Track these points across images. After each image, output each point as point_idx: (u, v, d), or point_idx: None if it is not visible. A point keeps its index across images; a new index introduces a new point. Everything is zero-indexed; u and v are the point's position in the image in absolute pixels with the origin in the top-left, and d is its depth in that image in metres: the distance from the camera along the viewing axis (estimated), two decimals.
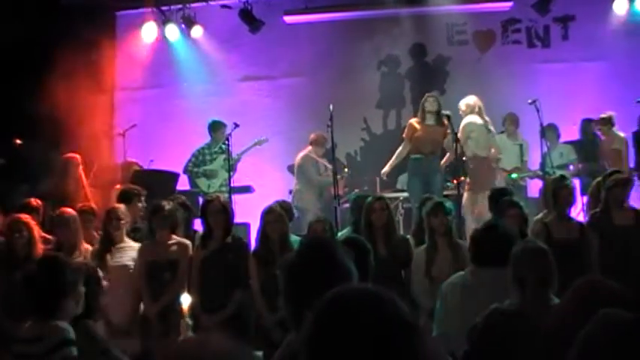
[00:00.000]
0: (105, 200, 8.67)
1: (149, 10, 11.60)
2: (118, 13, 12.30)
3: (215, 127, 10.66)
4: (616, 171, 7.26)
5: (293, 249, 5.90)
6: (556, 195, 6.53)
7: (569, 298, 3.09)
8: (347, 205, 9.17)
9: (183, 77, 12.09)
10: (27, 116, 9.95)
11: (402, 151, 9.47)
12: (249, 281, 6.40)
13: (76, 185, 8.94)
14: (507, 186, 8.88)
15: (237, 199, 9.31)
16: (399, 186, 10.49)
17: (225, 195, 9.15)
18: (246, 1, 11.28)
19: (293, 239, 6.45)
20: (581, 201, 8.62)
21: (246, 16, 11.28)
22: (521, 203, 6.53)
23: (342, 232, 7.25)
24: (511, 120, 10.28)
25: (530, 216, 6.73)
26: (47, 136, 9.95)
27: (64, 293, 3.89)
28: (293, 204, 9.87)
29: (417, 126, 9.32)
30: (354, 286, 2.04)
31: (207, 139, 10.79)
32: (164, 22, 11.60)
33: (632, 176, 7.87)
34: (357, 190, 10.43)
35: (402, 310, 1.78)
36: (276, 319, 5.99)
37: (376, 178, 10.19)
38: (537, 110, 8.84)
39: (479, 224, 7.82)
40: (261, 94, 12.06)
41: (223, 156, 10.10)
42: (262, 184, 10.79)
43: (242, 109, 11.23)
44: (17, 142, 10.24)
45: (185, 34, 11.76)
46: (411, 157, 9.35)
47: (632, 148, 9.96)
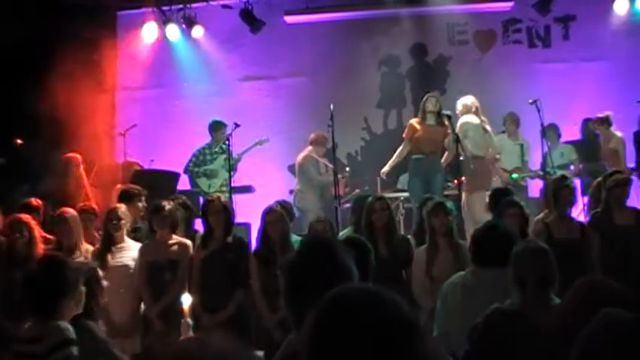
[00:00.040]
0: (105, 200, 8.67)
1: (150, 10, 11.60)
2: (119, 12, 12.30)
3: (216, 127, 10.66)
4: (616, 171, 7.25)
5: (294, 249, 5.89)
6: (557, 195, 6.52)
7: (570, 298, 3.09)
8: (348, 205, 9.17)
9: (184, 77, 12.08)
10: (27, 116, 9.95)
11: (403, 150, 9.47)
12: (250, 281, 6.39)
13: (77, 185, 8.95)
14: (508, 186, 8.88)
15: (237, 199, 9.31)
16: (399, 186, 10.48)
17: (226, 195, 9.15)
18: (247, 1, 11.28)
19: (294, 239, 6.44)
20: (582, 201, 8.61)
21: (247, 16, 11.28)
22: (521, 203, 6.52)
23: (343, 232, 7.24)
24: (511, 120, 10.27)
25: (531, 216, 6.72)
26: (48, 135, 9.95)
27: (65, 293, 3.89)
28: (294, 204, 9.87)
29: (418, 126, 9.32)
30: (354, 286, 2.04)
31: (207, 139, 10.79)
32: (165, 22, 11.60)
33: (631, 176, 7.84)
34: (357, 190, 10.43)
35: (403, 309, 1.78)
36: (277, 319, 6.00)
37: (377, 178, 10.18)
38: (538, 110, 8.83)
39: (474, 223, 7.87)
40: (262, 94, 12.06)
41: (224, 156, 10.10)
42: (263, 184, 10.79)
43: (242, 109, 11.23)
44: (18, 141, 10.25)
45: (186, 34, 11.75)
46: (411, 158, 9.35)
47: (633, 148, 9.96)
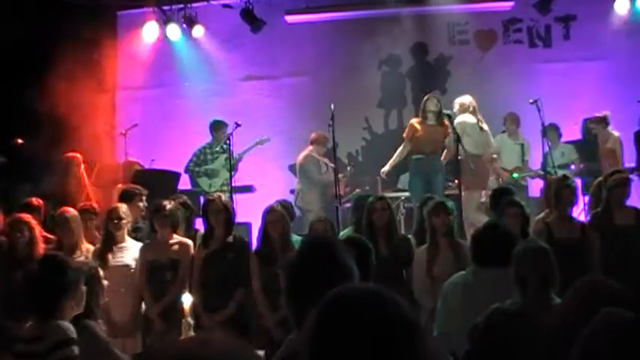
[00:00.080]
0: (106, 200, 8.67)
1: (150, 9, 11.60)
2: (120, 12, 12.30)
3: (216, 127, 10.66)
4: (617, 171, 7.24)
5: (294, 249, 5.92)
6: (558, 195, 6.51)
7: (571, 298, 3.09)
8: (348, 204, 9.17)
9: (185, 77, 12.08)
10: (28, 116, 9.95)
11: (403, 150, 9.46)
12: (251, 281, 6.39)
13: (78, 184, 8.95)
14: (509, 185, 8.87)
15: (238, 198, 9.29)
16: (400, 186, 10.47)
17: (227, 194, 9.14)
18: (248, 1, 11.27)
19: (294, 239, 6.44)
20: (583, 201, 8.61)
21: (248, 15, 11.27)
22: (522, 203, 6.52)
23: (344, 232, 7.24)
24: (512, 119, 10.26)
25: (532, 216, 6.72)
26: (48, 135, 9.94)
27: (65, 293, 3.89)
28: (295, 204, 9.89)
29: (418, 126, 9.31)
30: (355, 286, 2.04)
31: (208, 139, 10.79)
32: (165, 22, 11.59)
33: (632, 175, 7.84)
34: (358, 190, 10.42)
35: (404, 309, 1.78)
36: (278, 318, 6.00)
37: (377, 177, 10.18)
38: (538, 110, 8.82)
39: (469, 222, 7.87)
40: (263, 93, 12.06)
41: (225, 155, 10.10)
42: (263, 184, 10.79)
43: (243, 108, 11.23)
44: (19, 141, 10.25)
45: (186, 34, 11.75)
46: (412, 157, 9.33)
47: (634, 148, 9.96)
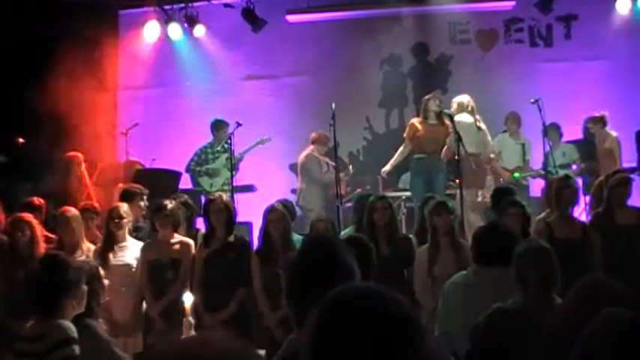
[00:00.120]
0: (107, 199, 8.67)
1: (151, 8, 11.59)
2: (121, 11, 12.30)
3: (217, 126, 10.65)
4: (618, 170, 7.23)
5: (295, 248, 5.93)
6: (559, 194, 6.49)
7: (572, 298, 3.08)
8: (349, 204, 9.17)
9: (186, 76, 12.08)
10: (29, 115, 9.95)
11: (404, 150, 9.45)
12: (252, 280, 6.39)
13: (79, 184, 8.96)
14: (509, 185, 8.86)
15: (239, 198, 9.29)
16: (401, 185, 10.46)
17: (228, 194, 9.14)
18: (249, 0, 11.27)
19: (295, 238, 6.44)
20: (584, 200, 8.60)
21: (249, 15, 11.27)
22: (523, 202, 6.51)
23: (345, 232, 7.24)
24: (513, 119, 10.24)
25: (533, 215, 6.71)
26: (50, 134, 9.96)
27: (66, 292, 3.90)
28: (297, 203, 9.89)
29: (419, 126, 9.29)
30: (356, 285, 2.04)
31: (209, 138, 10.78)
32: (166, 21, 11.59)
33: (632, 175, 7.83)
34: (359, 189, 10.42)
35: (405, 309, 1.78)
36: (278, 318, 6.00)
37: (378, 177, 10.17)
38: (540, 109, 8.80)
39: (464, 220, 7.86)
40: (264, 93, 12.05)
41: (226, 155, 10.10)
42: (264, 183, 10.78)
43: (244, 108, 11.22)
44: (20, 140, 10.26)
45: (187, 33, 11.74)
46: (413, 157, 9.32)
47: (635, 147, 9.95)
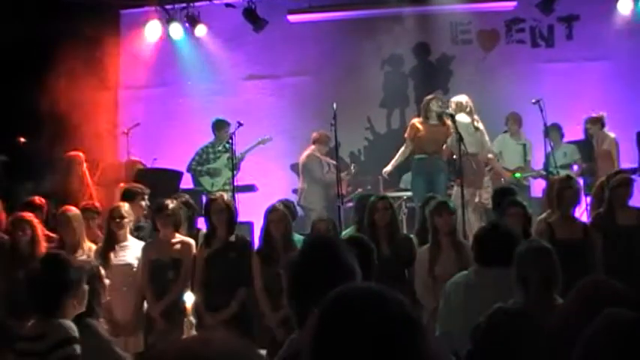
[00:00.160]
0: (109, 198, 8.67)
1: (153, 8, 11.60)
2: (122, 11, 12.30)
3: (219, 126, 10.66)
4: (619, 171, 7.23)
5: (296, 248, 5.92)
6: (561, 195, 6.48)
7: (573, 298, 3.08)
8: (350, 204, 9.16)
9: (187, 76, 12.08)
10: (31, 115, 9.96)
11: (405, 150, 9.44)
12: (253, 280, 6.39)
13: (80, 183, 8.96)
14: (511, 185, 8.85)
15: (240, 197, 9.30)
16: (402, 185, 10.46)
17: (229, 194, 9.14)
18: (250, 0, 11.28)
19: (297, 238, 6.44)
20: (585, 201, 8.59)
21: (250, 15, 11.28)
22: (524, 203, 6.51)
23: (346, 232, 7.24)
24: (514, 119, 10.22)
25: (534, 216, 6.70)
26: (51, 134, 9.96)
27: (67, 291, 3.90)
28: (299, 203, 9.88)
29: (420, 126, 9.28)
30: (357, 285, 2.04)
31: (211, 138, 10.78)
32: (168, 21, 11.60)
33: (634, 176, 7.82)
34: (360, 189, 10.42)
35: (406, 309, 1.78)
36: (279, 317, 6.00)
37: (379, 177, 10.17)
38: (541, 110, 8.79)
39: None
40: (265, 92, 12.06)
41: (227, 155, 10.10)
42: (266, 183, 10.79)
43: (246, 107, 11.23)
44: (21, 140, 10.26)
45: (189, 33, 11.75)
46: (414, 157, 9.32)
47: (636, 148, 9.95)
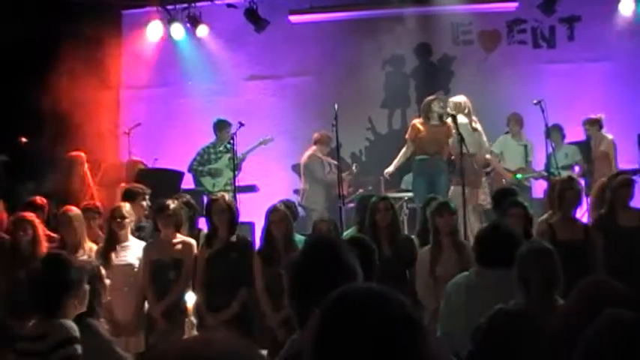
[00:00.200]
0: (110, 199, 8.67)
1: (154, 8, 11.62)
2: (124, 11, 12.31)
3: (220, 126, 10.66)
4: (621, 172, 7.22)
5: (297, 248, 5.91)
6: (562, 196, 6.47)
7: (574, 299, 3.09)
8: (352, 205, 9.16)
9: (189, 76, 12.10)
10: (32, 114, 9.97)
11: (406, 151, 9.44)
12: (254, 280, 6.39)
13: (81, 183, 8.96)
14: (512, 186, 8.85)
15: (241, 198, 9.29)
16: (403, 186, 10.46)
17: (230, 194, 9.14)
18: (252, 1, 11.29)
19: (298, 239, 6.44)
20: (586, 202, 8.59)
21: (252, 15, 11.28)
22: (525, 204, 6.50)
23: (347, 232, 7.24)
24: (515, 120, 10.21)
25: (535, 217, 6.70)
26: (52, 134, 9.96)
27: (68, 291, 3.90)
28: (301, 203, 9.89)
29: (421, 127, 9.28)
30: (359, 286, 2.04)
31: (212, 138, 10.79)
32: (169, 21, 11.61)
33: (635, 177, 7.82)
34: (361, 190, 10.42)
35: (408, 309, 1.77)
36: (281, 318, 6.00)
37: (380, 178, 10.17)
38: (542, 111, 8.79)
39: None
40: (267, 93, 12.06)
41: (228, 155, 10.10)
42: (267, 184, 10.79)
43: (247, 108, 11.23)
44: (22, 140, 10.27)
45: (190, 33, 11.76)
46: (416, 158, 9.32)
47: (637, 149, 9.95)
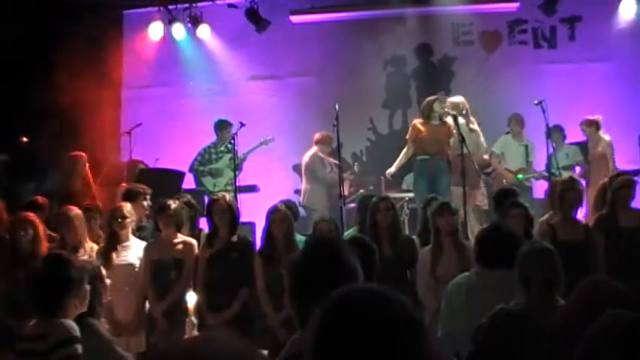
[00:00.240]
0: (111, 198, 8.67)
1: (156, 9, 11.63)
2: (125, 11, 12.33)
3: (221, 126, 10.66)
4: (621, 173, 7.22)
5: (298, 248, 5.90)
6: (563, 196, 6.47)
7: (575, 299, 3.09)
8: (352, 204, 9.16)
9: (190, 76, 12.10)
10: (33, 114, 9.98)
11: (408, 152, 9.43)
12: (255, 280, 6.39)
13: (82, 183, 8.96)
14: (512, 186, 8.84)
15: (242, 198, 9.28)
16: (404, 186, 10.46)
17: (231, 194, 9.14)
18: (253, 1, 11.29)
19: (298, 239, 6.44)
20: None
21: (253, 15, 11.29)
22: (526, 204, 6.50)
23: (348, 232, 7.24)
24: (516, 120, 10.21)
25: (536, 217, 6.70)
26: (53, 134, 9.97)
27: (69, 291, 3.90)
28: (303, 203, 9.89)
29: (421, 127, 9.27)
30: (359, 286, 2.04)
31: (213, 138, 10.79)
32: (170, 21, 11.62)
33: (636, 177, 7.82)
34: (362, 190, 10.42)
35: (408, 309, 1.77)
36: (281, 318, 6.00)
37: (381, 178, 10.17)
38: (543, 111, 8.79)
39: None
40: (267, 93, 12.06)
41: (229, 155, 10.10)
42: (268, 184, 10.78)
43: (248, 108, 11.22)
44: (23, 139, 10.28)
45: (191, 33, 11.77)
46: (417, 158, 9.31)
47: (639, 150, 9.95)
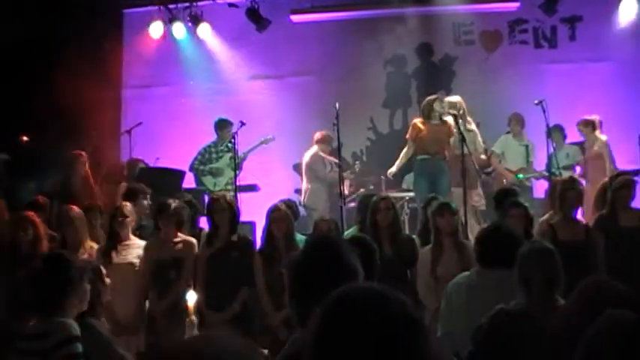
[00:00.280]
0: (111, 198, 8.68)
1: (156, 8, 11.63)
2: (125, 10, 12.32)
3: (221, 126, 10.66)
4: (622, 173, 7.22)
5: (298, 248, 5.91)
6: (563, 196, 6.47)
7: (575, 299, 3.09)
8: (353, 204, 9.16)
9: (190, 75, 12.10)
10: (33, 114, 9.97)
11: (408, 151, 9.42)
12: (255, 279, 6.40)
13: (82, 182, 8.96)
14: (513, 186, 8.84)
15: (242, 197, 9.28)
16: (404, 186, 10.46)
17: (231, 193, 9.14)
18: (253, 0, 11.29)
19: (299, 238, 6.45)
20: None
21: (253, 14, 11.29)
22: (526, 204, 6.50)
23: (348, 232, 7.24)
24: (516, 120, 10.21)
25: (536, 217, 6.70)
26: (54, 133, 9.97)
27: (69, 290, 3.91)
28: (304, 203, 9.89)
29: (422, 126, 9.27)
30: (359, 285, 2.04)
31: (213, 138, 10.79)
32: (171, 21, 11.62)
33: (636, 177, 7.82)
34: (362, 189, 10.42)
35: (409, 309, 1.77)
36: (282, 317, 6.01)
37: (382, 177, 10.17)
38: (544, 111, 8.79)
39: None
40: (268, 92, 12.05)
41: (229, 154, 10.10)
42: (268, 183, 10.78)
43: (248, 107, 11.21)
44: (24, 139, 10.28)
45: (192, 33, 11.77)
46: (417, 158, 9.30)
47: (639, 150, 9.95)
